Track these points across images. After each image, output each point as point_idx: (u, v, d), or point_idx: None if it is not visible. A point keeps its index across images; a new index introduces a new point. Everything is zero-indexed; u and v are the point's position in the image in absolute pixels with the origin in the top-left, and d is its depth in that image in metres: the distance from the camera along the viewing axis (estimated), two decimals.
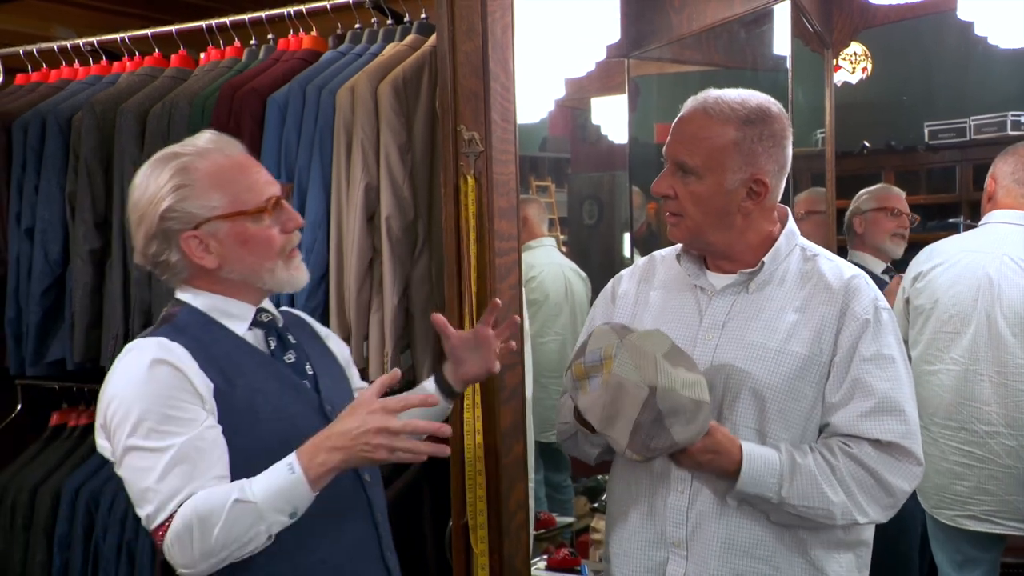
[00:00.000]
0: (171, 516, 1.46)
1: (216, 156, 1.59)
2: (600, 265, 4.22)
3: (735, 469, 1.62)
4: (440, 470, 2.16)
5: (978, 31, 3.04)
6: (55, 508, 2.54)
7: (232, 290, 1.62)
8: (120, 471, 1.53)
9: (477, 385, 2.04)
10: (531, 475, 2.28)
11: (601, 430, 1.60)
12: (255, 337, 1.64)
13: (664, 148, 1.76)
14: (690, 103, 1.75)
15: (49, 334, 2.58)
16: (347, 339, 2.22)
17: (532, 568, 2.30)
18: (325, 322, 2.24)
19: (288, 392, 1.61)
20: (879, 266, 3.44)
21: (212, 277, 1.60)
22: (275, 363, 1.64)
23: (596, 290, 3.84)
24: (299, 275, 1.65)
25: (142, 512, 1.49)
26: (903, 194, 3.58)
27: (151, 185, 1.58)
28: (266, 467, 1.49)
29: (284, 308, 1.78)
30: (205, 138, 1.63)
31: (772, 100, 1.75)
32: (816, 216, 3.80)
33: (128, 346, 1.58)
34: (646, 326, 1.81)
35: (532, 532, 2.44)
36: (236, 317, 1.62)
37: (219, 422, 1.52)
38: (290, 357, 1.66)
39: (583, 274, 3.94)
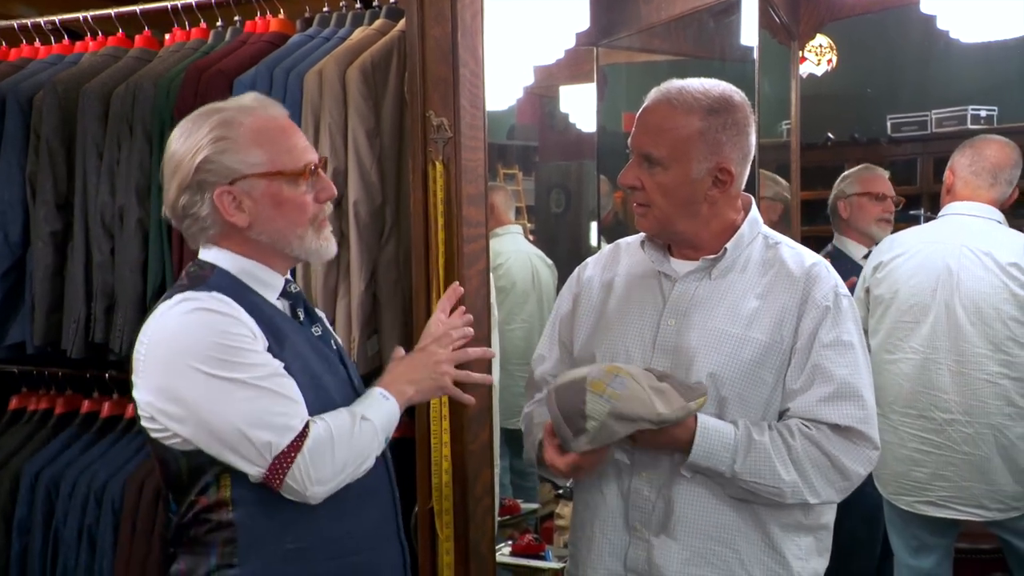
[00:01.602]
0: (299, 436, 1.47)
1: (260, 114, 1.58)
2: (567, 253, 4.24)
3: (689, 440, 1.65)
4: (407, 455, 2.16)
5: (940, 25, 3.08)
6: (14, 492, 2.51)
7: (260, 254, 1.59)
8: (205, 417, 1.46)
9: None
10: (496, 461, 2.30)
11: (657, 414, 1.60)
12: (283, 307, 1.63)
13: (630, 139, 1.77)
14: (653, 94, 1.76)
15: (8, 317, 2.54)
16: None
17: (496, 554, 2.31)
18: None
19: (322, 362, 1.62)
20: (860, 251, 3.45)
21: (240, 237, 1.58)
22: (308, 333, 1.64)
23: (563, 278, 3.86)
24: (328, 245, 1.64)
25: (260, 440, 1.46)
26: (887, 175, 3.60)
27: (192, 136, 1.55)
28: None
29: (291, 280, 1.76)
30: (250, 97, 1.62)
31: (734, 89, 1.76)
32: (762, 202, 3.81)
33: (176, 298, 1.52)
34: (610, 311, 1.83)
35: (497, 518, 2.45)
36: (267, 285, 1.61)
37: None
38: (317, 330, 1.67)
39: (549, 261, 3.95)
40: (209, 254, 1.60)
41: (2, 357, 2.58)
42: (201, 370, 1.46)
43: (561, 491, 3.57)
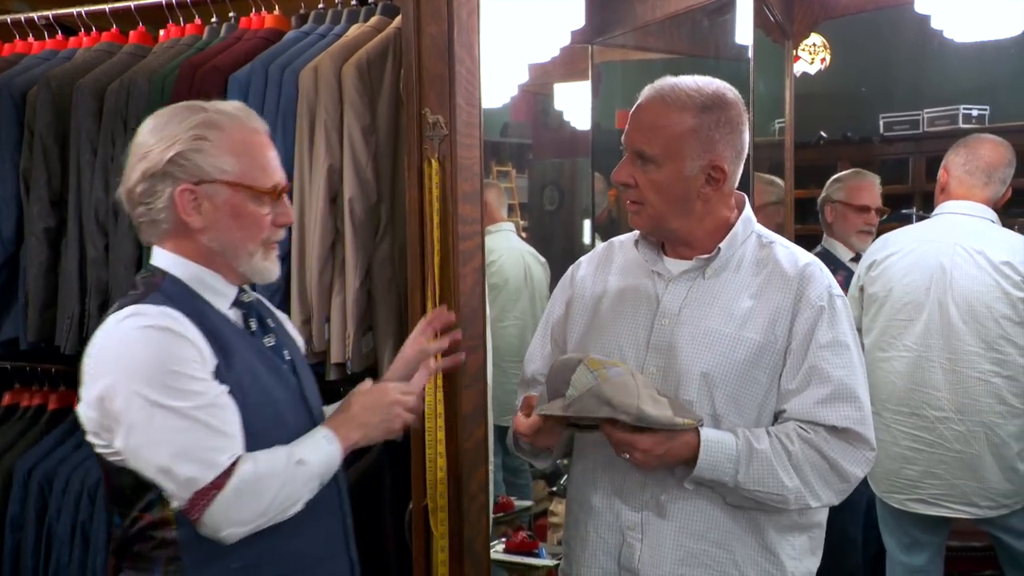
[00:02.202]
0: (223, 474, 1.43)
1: (244, 124, 1.58)
2: (561, 251, 4.24)
3: (693, 455, 1.64)
4: (401, 453, 2.16)
5: (934, 24, 3.09)
6: (7, 489, 2.50)
7: (213, 262, 1.57)
8: (136, 439, 1.45)
9: None
10: (490, 459, 2.30)
11: (639, 408, 1.59)
12: (235, 317, 1.61)
13: (623, 136, 1.77)
14: (647, 91, 1.76)
15: (1, 313, 2.53)
16: (308, 321, 2.22)
17: (490, 551, 2.31)
18: (286, 304, 2.23)
19: (272, 376, 1.59)
20: (847, 254, 3.50)
21: (191, 240, 1.56)
22: (259, 345, 1.62)
23: (555, 276, 3.87)
24: (273, 268, 1.62)
25: (183, 474, 1.43)
26: (876, 180, 3.61)
27: (170, 126, 1.54)
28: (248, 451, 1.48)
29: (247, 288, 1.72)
30: (236, 105, 1.61)
31: (728, 86, 1.76)
32: (769, 207, 3.84)
33: (127, 311, 1.49)
34: (604, 310, 1.83)
35: (491, 515, 2.45)
36: (219, 294, 1.59)
37: None
38: (270, 340, 1.64)
39: (542, 259, 3.95)
40: (161, 258, 1.58)
41: None
42: (141, 393, 1.44)
43: (555, 489, 3.58)
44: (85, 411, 1.51)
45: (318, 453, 1.53)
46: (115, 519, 1.56)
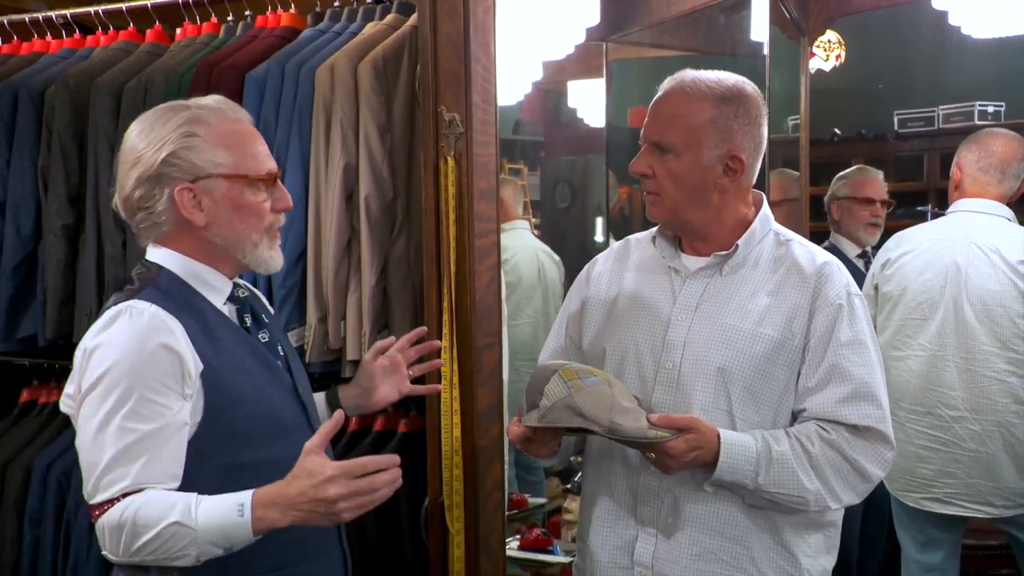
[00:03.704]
0: (109, 502, 1.44)
1: (228, 116, 1.58)
2: (573, 249, 4.23)
3: (714, 459, 1.64)
4: (417, 449, 2.17)
5: (952, 20, 3.08)
6: (26, 484, 2.51)
7: (210, 256, 1.58)
8: (79, 435, 1.50)
9: (455, 366, 2.05)
10: (505, 456, 2.30)
11: (611, 420, 1.59)
12: (230, 312, 1.62)
13: (642, 129, 1.77)
14: (667, 83, 1.77)
15: (20, 310, 2.55)
16: (324, 319, 2.22)
17: (505, 548, 2.32)
18: (302, 302, 2.24)
19: (265, 372, 1.60)
20: (854, 251, 3.53)
21: (194, 237, 1.57)
22: (253, 341, 1.62)
23: (568, 274, 3.86)
24: (277, 257, 1.63)
25: (86, 485, 1.48)
26: (880, 176, 3.63)
27: (157, 128, 1.55)
28: (243, 450, 1.49)
29: (241, 283, 1.71)
30: (216, 98, 1.62)
31: (747, 81, 1.77)
32: (789, 203, 3.85)
33: (122, 307, 1.51)
34: (620, 306, 1.84)
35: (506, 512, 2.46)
36: (214, 289, 1.59)
37: (204, 402, 1.51)
38: (264, 336, 1.65)
39: (556, 257, 3.95)
40: (157, 254, 1.59)
41: (14, 350, 2.59)
42: (99, 397, 1.45)
43: (569, 486, 3.58)
44: (67, 401, 1.54)
45: (215, 521, 1.43)
46: None
